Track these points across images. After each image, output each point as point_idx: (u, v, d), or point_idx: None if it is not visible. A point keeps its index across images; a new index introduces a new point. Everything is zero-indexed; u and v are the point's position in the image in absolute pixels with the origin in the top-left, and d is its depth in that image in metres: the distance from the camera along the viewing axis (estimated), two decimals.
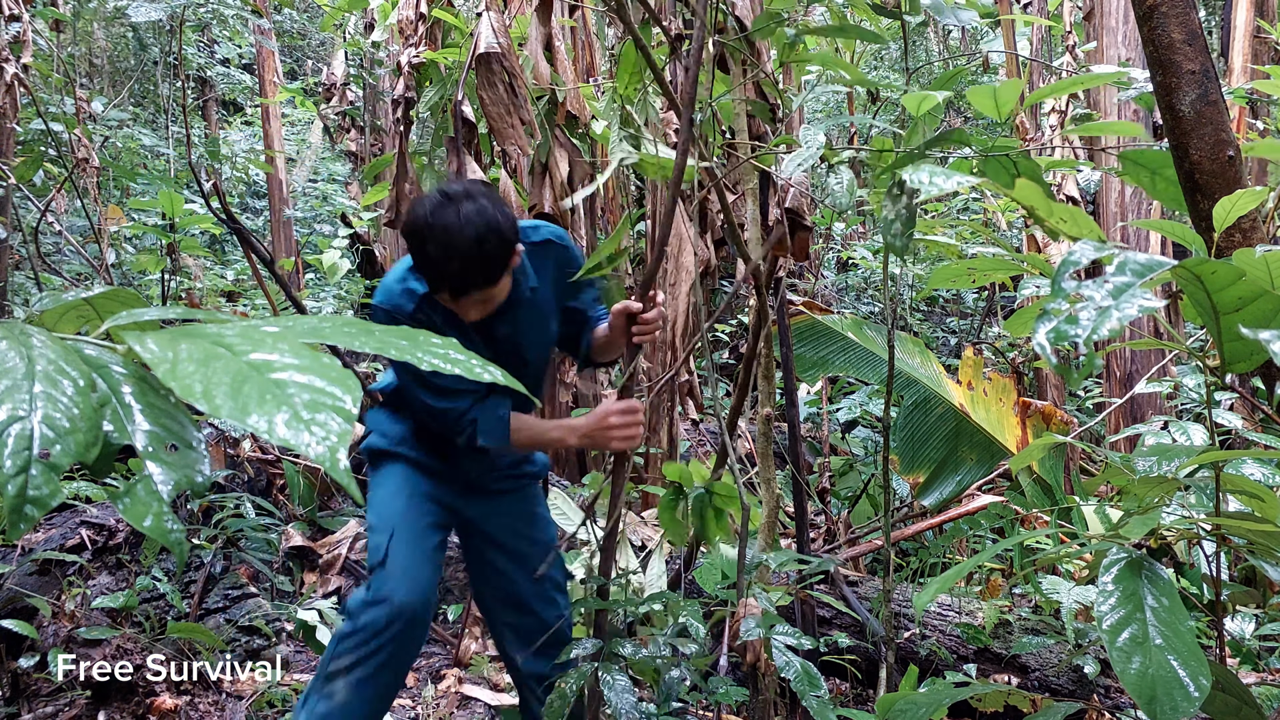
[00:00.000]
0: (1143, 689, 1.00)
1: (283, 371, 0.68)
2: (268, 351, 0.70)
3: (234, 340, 0.71)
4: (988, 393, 4.54)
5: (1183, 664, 1.01)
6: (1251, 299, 1.08)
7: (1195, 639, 1.04)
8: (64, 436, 0.65)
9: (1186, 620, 1.06)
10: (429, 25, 4.48)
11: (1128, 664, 1.02)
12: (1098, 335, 0.90)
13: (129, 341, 0.71)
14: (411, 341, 0.82)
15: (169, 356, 0.68)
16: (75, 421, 0.66)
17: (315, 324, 0.83)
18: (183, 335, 0.73)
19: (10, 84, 5.29)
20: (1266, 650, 2.78)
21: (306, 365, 0.69)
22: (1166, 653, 1.02)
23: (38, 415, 0.65)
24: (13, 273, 5.90)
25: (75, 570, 3.12)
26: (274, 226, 8.28)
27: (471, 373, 0.82)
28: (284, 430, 0.64)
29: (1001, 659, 2.90)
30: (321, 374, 0.68)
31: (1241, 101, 4.64)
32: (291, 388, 0.66)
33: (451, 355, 0.82)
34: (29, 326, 0.77)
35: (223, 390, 0.65)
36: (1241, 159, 1.57)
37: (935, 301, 9.54)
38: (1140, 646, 1.03)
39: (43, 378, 0.68)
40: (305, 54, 13.44)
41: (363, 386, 2.77)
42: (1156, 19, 1.57)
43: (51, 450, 0.64)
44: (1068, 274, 0.98)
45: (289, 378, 0.67)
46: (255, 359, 0.69)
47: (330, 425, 0.65)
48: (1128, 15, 5.53)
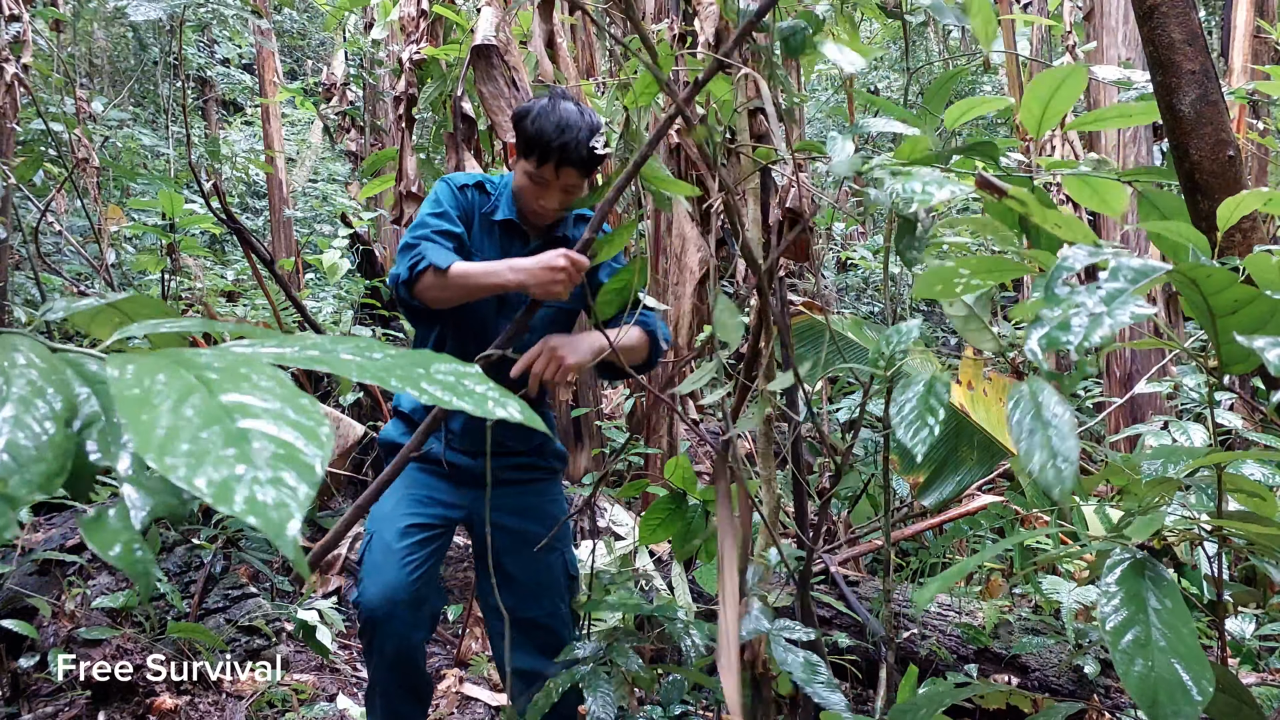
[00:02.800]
0: (1145, 692, 1.00)
1: (255, 419, 0.61)
2: (247, 391, 0.63)
3: (218, 376, 0.65)
4: (988, 393, 4.53)
5: (1186, 667, 1.01)
6: (1247, 301, 1.08)
7: (1198, 642, 1.04)
8: (26, 466, 0.61)
9: (1190, 623, 1.06)
10: (430, 22, 4.48)
11: (1130, 666, 1.02)
12: (1090, 342, 0.90)
13: (109, 365, 0.65)
14: (418, 367, 0.75)
15: (143, 386, 0.62)
16: (42, 450, 0.62)
17: (316, 349, 0.76)
18: (168, 362, 0.67)
19: (10, 84, 5.29)
20: (1266, 650, 2.78)
21: (280, 413, 0.62)
22: (1169, 656, 1.02)
23: (1, 442, 0.61)
24: (13, 273, 5.90)
25: (75, 570, 3.12)
26: (274, 226, 8.28)
27: (483, 407, 0.73)
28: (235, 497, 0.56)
29: (1001, 659, 2.90)
30: (295, 425, 0.61)
31: (1242, 101, 4.64)
32: (257, 440, 0.59)
33: (466, 386, 0.73)
34: (20, 339, 0.73)
35: (183, 444, 0.57)
36: (1242, 159, 1.57)
37: (935, 301, 9.53)
38: (1143, 649, 1.03)
39: (17, 401, 0.64)
40: (305, 54, 13.43)
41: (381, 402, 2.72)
42: (1156, 19, 1.57)
43: (10, 480, 0.59)
44: (1061, 279, 0.98)
45: (258, 427, 0.60)
46: (229, 401, 0.62)
47: (284, 492, 0.56)
48: (1128, 15, 5.53)
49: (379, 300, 6.31)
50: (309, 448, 0.60)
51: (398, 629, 2.02)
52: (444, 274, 1.98)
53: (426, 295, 2.01)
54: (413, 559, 2.07)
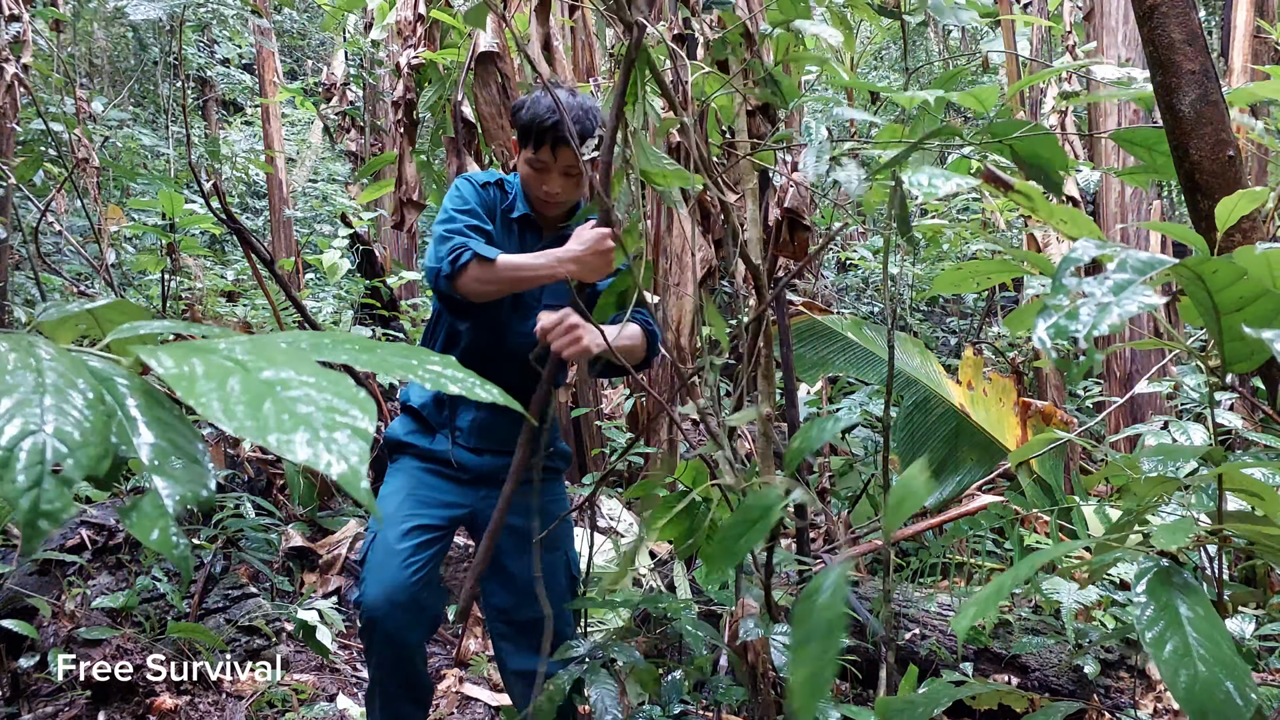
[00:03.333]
0: (1193, 703, 1.00)
1: (297, 389, 0.67)
2: (279, 369, 0.70)
3: (245, 358, 0.71)
4: (988, 393, 4.54)
5: (1229, 675, 1.01)
6: (1253, 298, 1.08)
7: (1235, 650, 1.04)
8: (76, 450, 0.64)
9: (1225, 631, 1.05)
10: (427, 26, 4.48)
11: (1176, 677, 1.02)
12: (1098, 330, 0.90)
13: (143, 357, 0.70)
14: (413, 359, 0.81)
15: (185, 372, 0.67)
16: (87, 435, 0.66)
17: (318, 340, 0.82)
18: (193, 351, 0.72)
19: (10, 84, 5.29)
20: (1266, 650, 2.78)
21: (321, 384, 0.69)
22: (1212, 665, 1.02)
23: (49, 428, 0.64)
24: (13, 273, 5.90)
25: (75, 570, 3.12)
26: (274, 226, 8.28)
27: (472, 393, 0.80)
28: (304, 450, 0.64)
29: (1001, 659, 2.90)
30: (336, 393, 0.68)
31: (1243, 102, 4.63)
32: (307, 406, 0.66)
33: (450, 374, 0.81)
34: (34, 337, 0.76)
35: (241, 408, 0.65)
36: (1242, 159, 1.57)
37: (935, 301, 9.54)
38: (1184, 659, 1.03)
39: (53, 390, 0.67)
40: (305, 54, 13.44)
41: (385, 399, 2.75)
42: (1156, 19, 1.57)
43: (64, 464, 0.63)
44: (1069, 271, 0.98)
45: (304, 395, 0.67)
46: (268, 376, 0.68)
47: (349, 446, 0.64)
48: (1128, 15, 5.54)
49: (379, 300, 6.32)
50: (353, 410, 0.67)
51: (398, 630, 2.02)
52: (491, 265, 1.96)
53: (469, 287, 1.98)
54: (415, 561, 2.07)
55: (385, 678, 2.10)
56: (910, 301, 8.34)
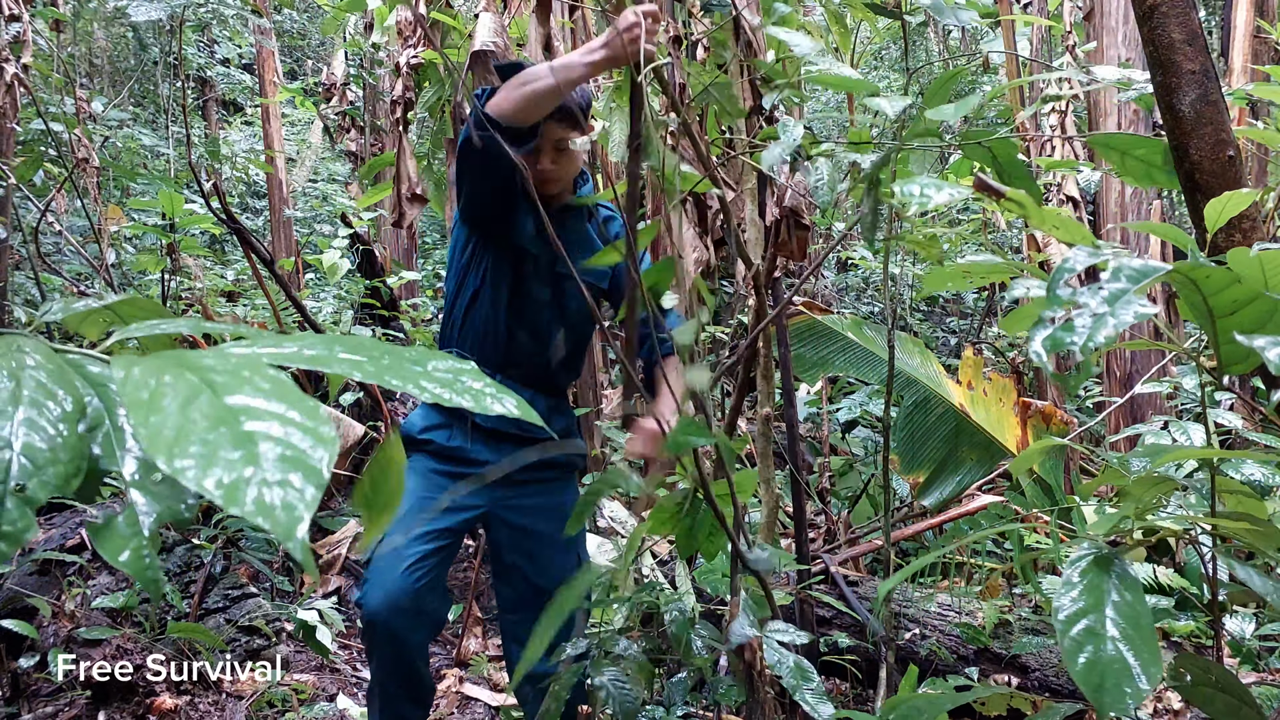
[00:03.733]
0: (1090, 677, 0.99)
1: (260, 421, 0.60)
2: (251, 393, 0.63)
3: (223, 378, 0.64)
4: (988, 393, 4.54)
5: (1136, 655, 0.99)
6: (1247, 302, 1.08)
7: (1155, 634, 1.03)
8: (43, 468, 0.61)
9: (1149, 617, 1.04)
10: (427, 26, 4.47)
11: (1077, 654, 1.00)
12: (1094, 343, 0.90)
13: (115, 365, 0.65)
14: (416, 365, 0.74)
15: (150, 387, 0.62)
16: (57, 451, 0.62)
17: (317, 349, 0.75)
18: (172, 364, 0.66)
19: (10, 84, 5.28)
20: (1266, 650, 2.78)
21: (284, 415, 0.61)
22: (1121, 643, 1.01)
23: (18, 444, 0.61)
24: (13, 273, 5.90)
25: (75, 570, 3.12)
26: (274, 226, 8.28)
27: (480, 403, 0.72)
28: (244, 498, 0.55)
29: (1002, 659, 2.90)
30: (301, 427, 0.61)
31: (1241, 102, 4.63)
32: (263, 442, 0.58)
33: (464, 383, 0.73)
34: (25, 340, 0.72)
35: (195, 445, 0.57)
36: (1242, 159, 1.57)
37: (935, 301, 9.55)
38: (1095, 637, 1.02)
39: (29, 403, 0.64)
40: (305, 54, 13.44)
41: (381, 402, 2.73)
42: (1156, 19, 1.57)
43: (29, 483, 0.60)
44: (1063, 281, 0.98)
45: (264, 429, 0.59)
46: (234, 403, 0.61)
47: (291, 494, 0.56)
48: (1128, 15, 5.53)
49: (379, 300, 6.31)
50: (315, 450, 0.59)
51: (399, 633, 2.02)
52: (515, 75, 1.92)
53: (504, 106, 1.90)
54: (420, 565, 2.06)
55: (386, 678, 2.10)
56: (910, 301, 8.34)
